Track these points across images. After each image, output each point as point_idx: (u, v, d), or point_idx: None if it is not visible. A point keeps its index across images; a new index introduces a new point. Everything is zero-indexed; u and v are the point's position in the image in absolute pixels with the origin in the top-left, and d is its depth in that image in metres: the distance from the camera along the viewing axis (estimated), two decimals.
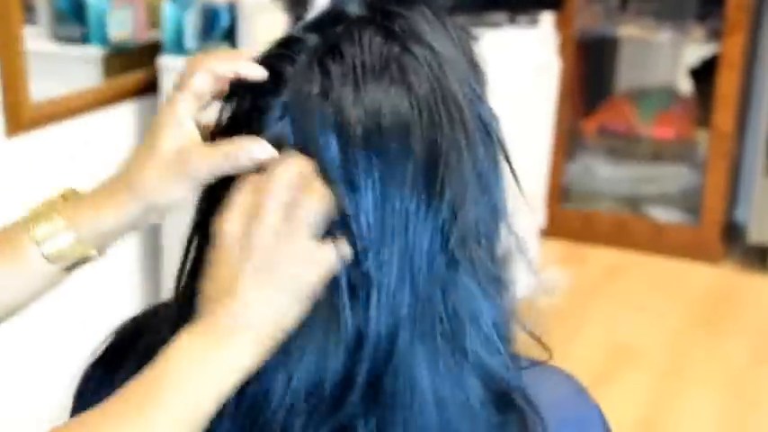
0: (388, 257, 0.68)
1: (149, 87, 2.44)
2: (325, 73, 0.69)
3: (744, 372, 3.07)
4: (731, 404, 2.91)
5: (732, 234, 3.91)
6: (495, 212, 0.74)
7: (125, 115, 2.41)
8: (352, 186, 0.67)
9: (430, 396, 0.68)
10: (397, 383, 0.68)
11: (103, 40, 2.40)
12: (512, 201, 0.77)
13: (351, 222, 0.67)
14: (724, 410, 2.88)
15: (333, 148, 0.67)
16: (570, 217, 3.93)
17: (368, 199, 0.68)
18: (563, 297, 3.44)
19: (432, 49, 0.71)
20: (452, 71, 0.71)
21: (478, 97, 0.74)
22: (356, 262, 0.68)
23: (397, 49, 0.70)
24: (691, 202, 3.87)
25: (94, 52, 2.41)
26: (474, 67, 0.76)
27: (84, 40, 2.40)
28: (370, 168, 0.67)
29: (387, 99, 0.68)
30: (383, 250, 0.68)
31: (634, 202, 3.97)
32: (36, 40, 2.24)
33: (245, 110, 0.72)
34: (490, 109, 0.75)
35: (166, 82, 2.39)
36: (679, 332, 3.30)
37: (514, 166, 0.77)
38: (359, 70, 0.68)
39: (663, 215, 3.90)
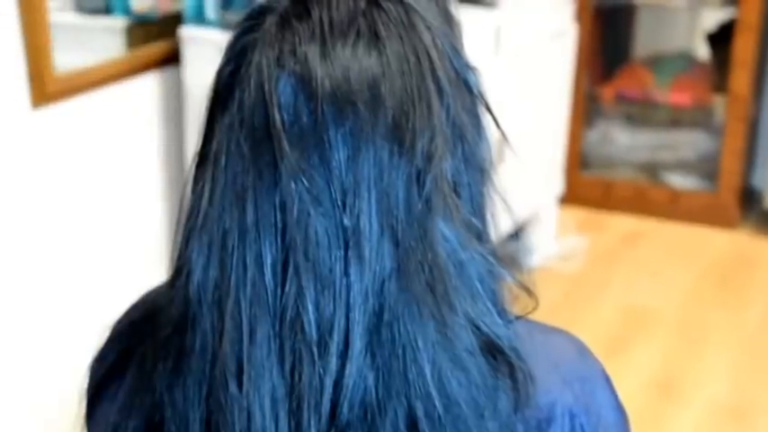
0: (366, 208, 0.68)
1: (172, 58, 2.45)
2: (292, 32, 0.70)
3: (759, 335, 3.09)
4: (747, 367, 2.93)
5: (749, 199, 3.92)
6: (476, 165, 0.74)
7: (148, 86, 2.41)
8: (324, 141, 0.68)
9: (421, 347, 0.68)
10: (390, 335, 0.68)
11: (126, 11, 2.41)
12: (532, 164, 0.76)
13: (326, 175, 0.68)
14: (739, 373, 2.90)
15: (302, 105, 0.68)
16: (589, 184, 3.94)
17: (340, 152, 0.68)
18: (582, 263, 3.46)
19: (401, 1, 0.71)
20: (424, 23, 0.72)
21: (454, 49, 0.74)
22: (336, 215, 0.68)
23: (363, 4, 0.71)
24: (708, 168, 3.87)
25: (118, 23, 2.40)
26: (449, 21, 0.76)
27: (108, 10, 2.41)
28: (340, 122, 0.68)
29: (354, 53, 0.69)
30: (361, 202, 0.68)
31: (652, 169, 3.98)
32: (60, 12, 2.25)
33: (223, 82, 0.73)
34: (467, 61, 0.75)
35: (189, 52, 2.41)
36: (696, 296, 3.32)
37: (498, 119, 0.77)
38: (326, 27, 0.69)
39: (680, 181, 3.91)
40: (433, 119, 0.70)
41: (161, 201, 2.49)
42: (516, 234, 3.22)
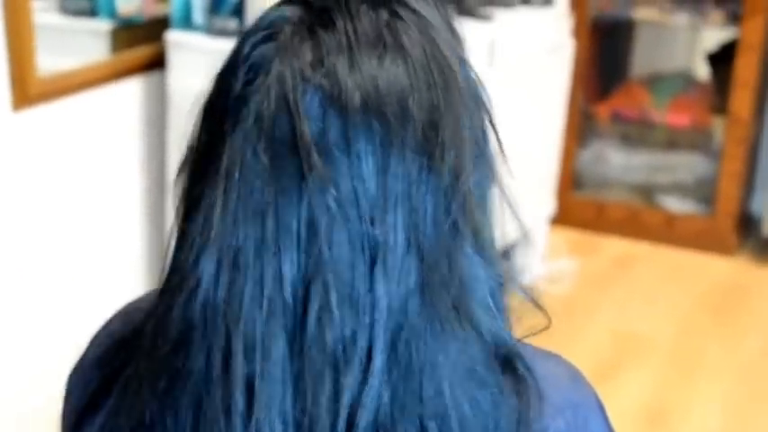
0: (393, 223, 0.67)
1: (157, 62, 2.40)
2: (317, 42, 0.68)
3: (754, 364, 3.04)
4: (740, 396, 2.88)
5: (747, 225, 3.86)
6: (491, 179, 0.75)
7: (132, 90, 2.38)
8: (353, 154, 0.66)
9: (441, 365, 0.67)
10: (409, 352, 0.67)
11: (112, 14, 2.37)
12: (523, 183, 0.77)
13: (354, 189, 0.67)
14: (733, 402, 2.85)
15: (331, 118, 0.66)
16: (582, 205, 3.88)
17: (369, 165, 0.67)
18: (573, 286, 3.40)
19: (416, 12, 0.71)
20: (439, 36, 0.71)
21: (464, 62, 0.74)
22: (363, 229, 0.66)
23: (385, 15, 0.70)
24: (705, 192, 3.82)
25: (102, 26, 2.37)
26: (453, 33, 0.76)
27: (93, 13, 2.36)
28: (370, 134, 0.67)
29: (382, 65, 0.68)
30: (388, 216, 0.67)
31: (647, 191, 3.92)
32: (44, 13, 2.20)
33: (235, 94, 0.69)
34: (476, 73, 0.75)
35: (174, 57, 2.35)
36: (690, 324, 3.26)
37: (500, 134, 0.77)
38: (352, 37, 0.68)
39: (676, 205, 3.85)
40: (459, 132, 0.70)
41: (141, 206, 2.47)
42: (505, 254, 3.16)
